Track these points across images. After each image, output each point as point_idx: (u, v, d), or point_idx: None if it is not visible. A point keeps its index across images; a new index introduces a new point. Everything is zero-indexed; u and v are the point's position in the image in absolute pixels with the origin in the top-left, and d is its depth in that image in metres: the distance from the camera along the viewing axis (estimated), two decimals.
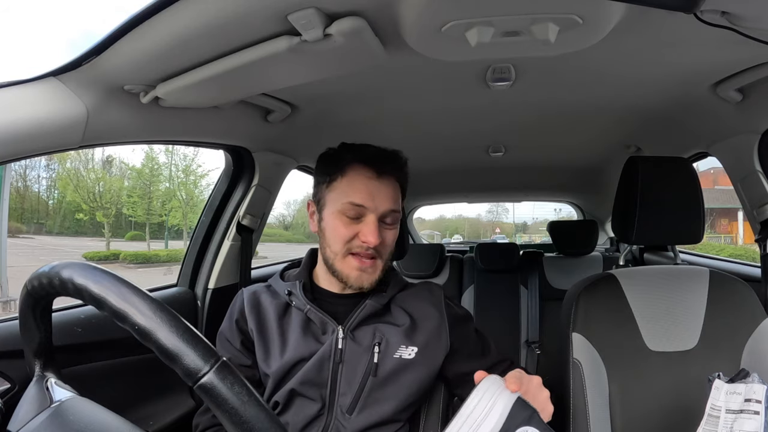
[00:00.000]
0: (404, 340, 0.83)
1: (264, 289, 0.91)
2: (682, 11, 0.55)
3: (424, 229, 14.07)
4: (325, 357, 0.81)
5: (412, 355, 0.83)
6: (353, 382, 0.81)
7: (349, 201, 0.81)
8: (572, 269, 2.27)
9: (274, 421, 0.41)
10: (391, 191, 0.84)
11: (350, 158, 0.83)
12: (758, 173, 1.14)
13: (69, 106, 0.73)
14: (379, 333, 0.83)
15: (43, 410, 0.50)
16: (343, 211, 0.82)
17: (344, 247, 0.82)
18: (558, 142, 1.61)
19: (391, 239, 0.85)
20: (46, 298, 0.51)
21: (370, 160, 0.83)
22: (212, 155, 9.98)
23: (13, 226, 11.10)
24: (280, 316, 0.86)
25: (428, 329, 0.85)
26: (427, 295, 0.90)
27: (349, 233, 0.82)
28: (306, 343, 0.83)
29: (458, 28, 0.67)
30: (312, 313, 0.84)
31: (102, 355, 1.00)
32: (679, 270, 1.01)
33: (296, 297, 0.85)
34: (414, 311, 0.87)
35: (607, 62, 0.89)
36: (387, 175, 0.84)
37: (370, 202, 0.81)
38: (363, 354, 0.82)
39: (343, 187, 0.83)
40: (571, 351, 0.93)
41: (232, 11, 0.60)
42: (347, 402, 0.81)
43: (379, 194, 0.82)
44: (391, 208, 0.83)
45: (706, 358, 0.92)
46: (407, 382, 0.82)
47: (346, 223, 0.82)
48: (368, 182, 0.82)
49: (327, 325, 0.83)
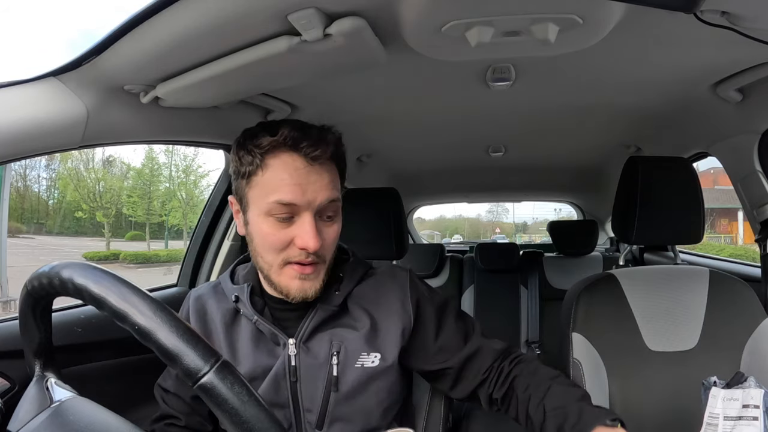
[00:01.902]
0: (365, 346, 0.73)
1: (211, 291, 0.79)
2: (682, 11, 0.55)
3: (424, 229, 14.05)
4: (280, 376, 0.71)
5: (376, 362, 0.73)
6: (315, 399, 0.72)
7: (275, 200, 0.65)
8: (572, 269, 2.27)
9: (274, 421, 0.41)
10: (327, 178, 0.68)
11: (269, 144, 0.66)
12: (758, 173, 1.14)
13: (69, 106, 0.73)
14: (336, 341, 0.72)
15: (43, 410, 0.50)
16: (271, 212, 0.66)
17: (279, 256, 0.68)
18: (558, 142, 1.61)
19: (333, 235, 0.71)
20: (46, 298, 0.51)
21: (296, 144, 0.66)
22: (212, 155, 10.13)
23: (13, 226, 11.09)
24: (228, 325, 0.75)
25: (392, 329, 0.74)
26: (390, 283, 0.77)
27: (282, 239, 0.67)
28: (258, 358, 0.72)
29: (458, 28, 0.67)
30: (261, 325, 0.73)
31: (102, 355, 1.00)
32: (679, 270, 1.01)
33: (243, 304, 0.74)
34: (375, 309, 0.75)
35: (607, 62, 0.89)
36: (319, 160, 0.67)
37: (301, 198, 0.65)
38: (320, 368, 0.71)
39: (266, 182, 0.66)
40: (571, 351, 0.93)
41: (232, 11, 0.60)
42: (314, 419, 0.72)
43: (312, 185, 0.66)
44: (330, 198, 0.68)
45: (706, 358, 0.92)
46: (376, 390, 0.73)
47: (276, 226, 0.67)
48: (296, 172, 0.65)
49: (277, 338, 0.72)
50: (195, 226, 1.43)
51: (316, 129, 0.69)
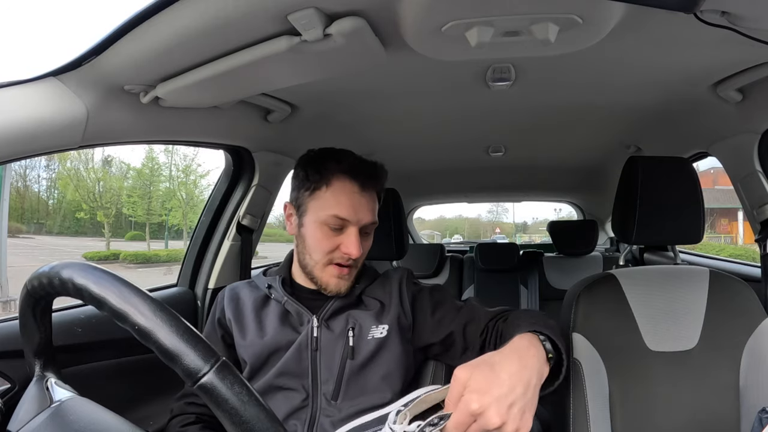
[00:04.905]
0: (375, 321, 0.86)
1: (245, 284, 0.95)
2: (682, 11, 0.55)
3: (424, 229, 14.07)
4: (303, 346, 0.84)
5: (384, 333, 0.85)
6: (333, 368, 0.83)
7: (333, 214, 0.82)
8: (572, 269, 2.27)
9: (274, 421, 0.41)
10: (372, 204, 0.87)
11: (335, 169, 0.84)
12: (758, 173, 1.14)
13: (69, 106, 0.73)
14: (352, 319, 0.86)
15: (43, 410, 0.50)
16: (327, 222, 0.83)
17: (326, 257, 0.84)
18: (558, 141, 1.61)
19: (367, 248, 0.89)
20: (46, 298, 0.51)
21: (355, 173, 0.84)
22: (212, 155, 9.97)
23: (13, 226, 11.09)
24: (258, 307, 0.89)
25: (395, 306, 0.88)
26: (391, 278, 0.93)
27: (331, 245, 0.84)
28: (283, 332, 0.85)
29: (458, 28, 0.67)
30: (289, 305, 0.87)
31: (102, 355, 1.00)
32: (679, 270, 1.01)
33: (275, 290, 0.89)
34: (382, 296, 0.90)
35: (606, 62, 0.89)
36: (369, 189, 0.85)
37: (353, 216, 0.83)
38: (338, 339, 0.84)
39: (327, 198, 0.83)
40: (571, 351, 0.93)
41: (232, 11, 0.60)
42: (330, 389, 0.82)
43: (362, 208, 0.84)
44: (372, 221, 0.86)
45: (706, 358, 0.92)
46: (385, 360, 0.84)
47: (328, 234, 0.84)
48: (352, 196, 0.83)
49: (303, 316, 0.86)
50: (195, 226, 1.43)
51: (370, 163, 0.88)
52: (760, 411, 0.72)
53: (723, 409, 0.89)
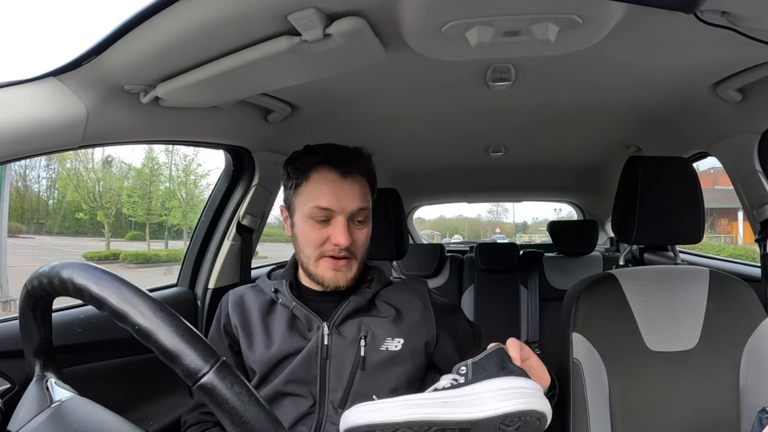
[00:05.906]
0: (390, 332, 0.84)
1: (249, 289, 0.92)
2: (682, 11, 0.55)
3: (424, 229, 14.06)
4: (312, 353, 0.82)
5: (399, 347, 0.83)
6: (342, 377, 0.81)
7: (315, 205, 0.81)
8: (572, 269, 2.27)
9: (274, 421, 0.41)
10: (357, 189, 0.84)
11: (312, 161, 0.83)
12: (758, 173, 1.14)
13: (69, 106, 0.73)
14: (364, 326, 0.84)
15: (43, 410, 0.50)
16: (311, 215, 0.82)
17: (317, 251, 0.83)
18: (558, 142, 1.61)
19: (363, 237, 0.86)
20: (46, 298, 0.51)
21: (333, 161, 0.83)
22: (212, 155, 9.94)
23: (13, 226, 11.09)
24: (264, 313, 0.87)
25: (414, 319, 0.86)
26: (411, 288, 0.91)
27: (320, 237, 0.82)
28: (292, 339, 0.83)
29: (458, 28, 0.67)
30: (298, 310, 0.85)
31: (102, 355, 1.00)
32: (679, 270, 1.01)
33: (282, 294, 0.86)
34: (399, 304, 0.87)
35: (606, 62, 0.89)
36: (352, 175, 0.83)
37: (336, 204, 0.81)
38: (349, 348, 0.82)
39: (308, 192, 0.83)
40: (571, 351, 0.93)
41: (232, 11, 0.60)
42: (338, 397, 0.81)
43: (345, 195, 0.82)
44: (360, 207, 0.83)
45: (706, 358, 0.92)
46: (396, 374, 0.83)
47: (315, 227, 0.82)
48: (332, 184, 0.82)
49: (312, 322, 0.84)
50: (195, 226, 1.43)
51: (349, 150, 0.85)
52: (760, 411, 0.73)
53: (723, 409, 0.89)
